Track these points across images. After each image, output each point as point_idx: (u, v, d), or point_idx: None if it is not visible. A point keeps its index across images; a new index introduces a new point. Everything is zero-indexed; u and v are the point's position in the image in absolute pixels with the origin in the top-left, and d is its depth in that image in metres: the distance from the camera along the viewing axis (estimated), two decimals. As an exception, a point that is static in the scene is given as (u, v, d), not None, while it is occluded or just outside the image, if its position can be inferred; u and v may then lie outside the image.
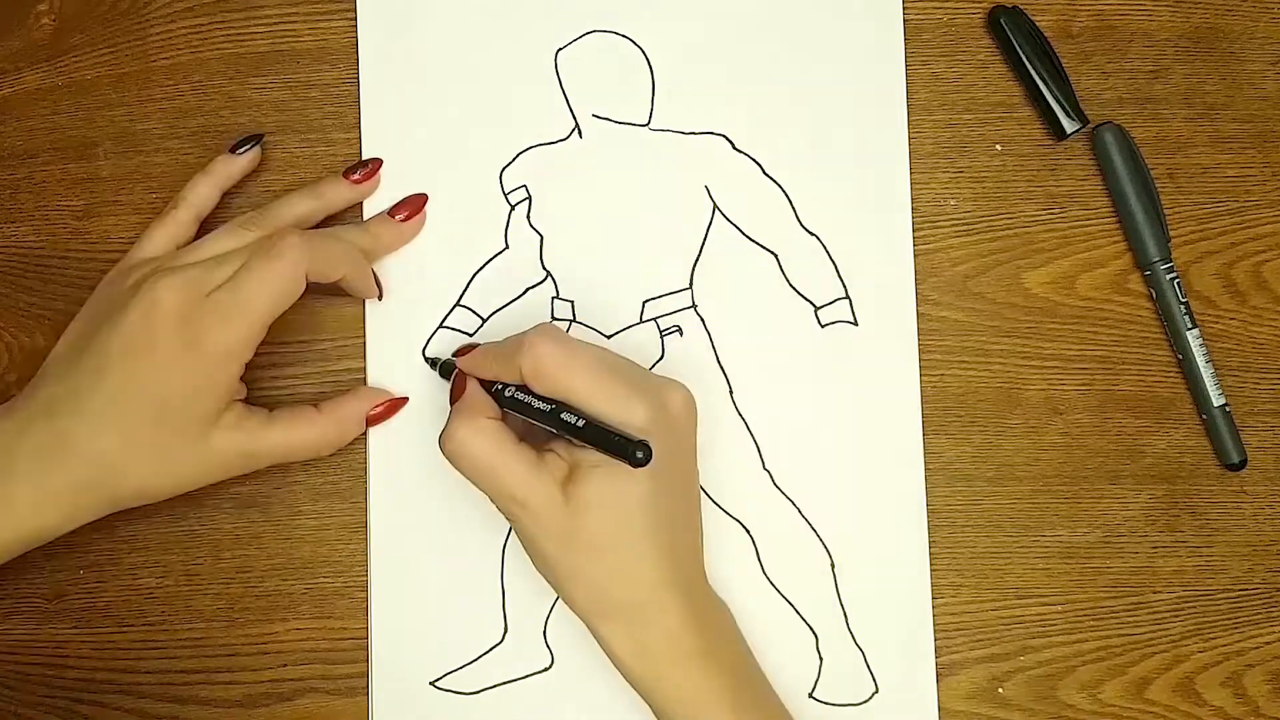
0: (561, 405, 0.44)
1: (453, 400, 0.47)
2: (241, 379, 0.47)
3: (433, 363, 0.51)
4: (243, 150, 0.50)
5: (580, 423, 0.43)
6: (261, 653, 0.51)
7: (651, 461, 0.42)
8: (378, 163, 0.51)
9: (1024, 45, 0.51)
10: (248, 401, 0.48)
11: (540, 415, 0.44)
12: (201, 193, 0.50)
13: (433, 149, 0.51)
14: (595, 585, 0.44)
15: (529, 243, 0.51)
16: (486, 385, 0.47)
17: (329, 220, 0.51)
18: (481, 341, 0.50)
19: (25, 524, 0.45)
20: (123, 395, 0.44)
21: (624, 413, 0.43)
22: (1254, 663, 0.51)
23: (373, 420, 0.50)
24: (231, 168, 0.50)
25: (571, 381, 0.44)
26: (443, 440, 0.45)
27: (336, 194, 0.50)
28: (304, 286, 0.46)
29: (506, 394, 0.46)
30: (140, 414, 0.44)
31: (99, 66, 0.52)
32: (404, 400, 0.50)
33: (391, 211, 0.50)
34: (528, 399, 0.45)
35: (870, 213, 0.51)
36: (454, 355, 0.49)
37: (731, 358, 0.51)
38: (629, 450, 0.41)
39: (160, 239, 0.49)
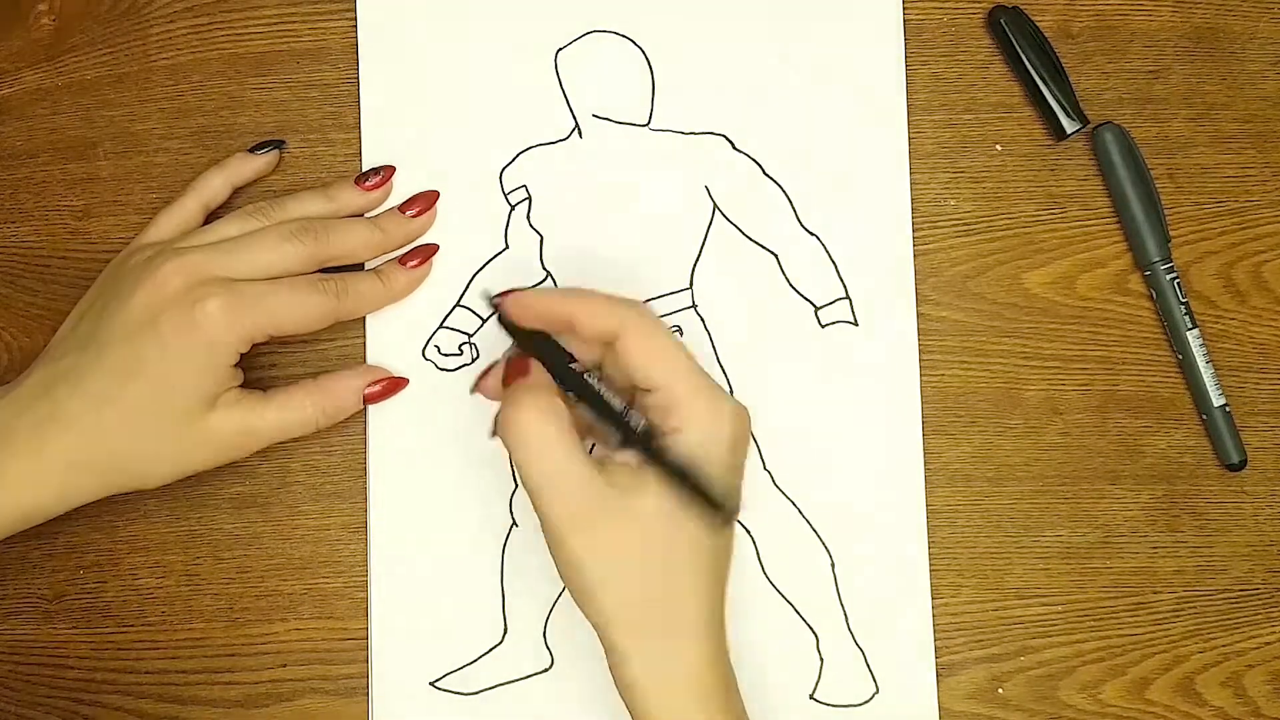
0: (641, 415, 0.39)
1: (507, 380, 0.43)
2: (239, 366, 0.47)
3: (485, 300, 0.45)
4: (261, 152, 0.50)
5: (666, 448, 0.38)
6: (261, 653, 0.51)
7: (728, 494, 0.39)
8: (390, 170, 0.51)
9: (1024, 45, 0.51)
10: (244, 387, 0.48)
11: (615, 416, 0.40)
12: (213, 184, 0.50)
13: (432, 149, 0.51)
14: (635, 602, 0.42)
15: (529, 243, 0.51)
16: (548, 365, 0.42)
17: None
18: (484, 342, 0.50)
19: (20, 500, 0.45)
20: (124, 373, 0.45)
21: (713, 418, 0.41)
22: (1254, 663, 0.51)
23: (371, 398, 0.49)
24: (245, 166, 0.50)
25: (669, 363, 0.41)
26: (506, 418, 0.41)
27: (347, 199, 0.50)
28: (327, 324, 0.47)
29: (583, 377, 0.41)
30: (140, 392, 0.45)
31: (99, 66, 0.52)
32: (404, 381, 0.50)
33: (403, 207, 0.50)
34: (605, 391, 0.39)
35: (870, 213, 0.51)
36: (500, 295, 0.43)
37: (731, 358, 0.51)
38: (719, 504, 0.37)
39: (166, 226, 0.49)
